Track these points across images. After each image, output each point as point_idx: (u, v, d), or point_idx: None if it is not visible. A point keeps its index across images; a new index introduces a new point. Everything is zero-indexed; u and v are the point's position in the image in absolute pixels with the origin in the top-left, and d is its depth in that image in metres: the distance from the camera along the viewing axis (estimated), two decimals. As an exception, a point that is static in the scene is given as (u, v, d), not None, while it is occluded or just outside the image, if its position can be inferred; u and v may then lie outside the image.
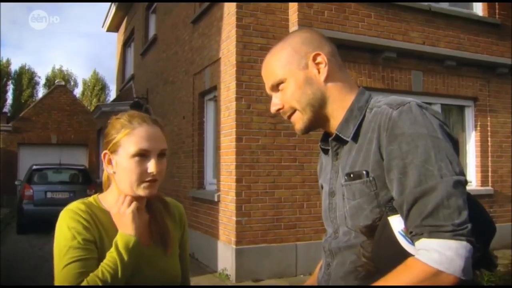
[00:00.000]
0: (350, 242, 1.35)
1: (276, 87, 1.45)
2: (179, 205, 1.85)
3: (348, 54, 7.20)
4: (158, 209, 1.70)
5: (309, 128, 1.46)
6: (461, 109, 8.81)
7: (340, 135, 1.40)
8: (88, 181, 12.81)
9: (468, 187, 1.33)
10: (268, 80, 1.47)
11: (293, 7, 6.96)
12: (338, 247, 1.39)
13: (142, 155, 1.52)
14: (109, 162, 1.58)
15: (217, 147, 7.66)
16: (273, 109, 1.48)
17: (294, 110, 1.44)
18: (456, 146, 1.30)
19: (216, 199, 7.35)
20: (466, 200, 1.17)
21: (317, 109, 1.42)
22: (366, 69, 7.49)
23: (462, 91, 8.48)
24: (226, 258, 6.94)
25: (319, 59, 1.42)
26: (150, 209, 1.68)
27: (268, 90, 1.50)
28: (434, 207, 1.13)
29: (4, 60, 36.10)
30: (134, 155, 1.52)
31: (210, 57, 7.96)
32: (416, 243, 1.16)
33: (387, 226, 1.24)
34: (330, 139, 1.46)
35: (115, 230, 1.55)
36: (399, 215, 1.22)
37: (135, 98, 13.50)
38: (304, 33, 1.51)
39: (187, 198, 9.01)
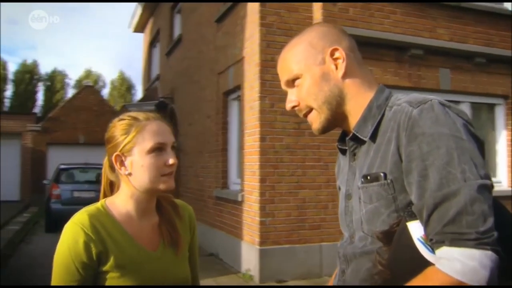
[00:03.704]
0: (366, 248, 1.27)
1: (291, 82, 1.39)
2: (189, 207, 1.81)
3: (373, 52, 7.07)
4: (168, 210, 1.69)
5: (327, 127, 1.39)
6: (491, 107, 8.56)
7: (357, 134, 1.33)
8: (114, 180, 12.92)
9: (498, 188, 1.22)
10: (283, 75, 1.41)
11: (317, 4, 6.87)
12: (353, 253, 1.32)
13: (159, 149, 1.53)
14: (122, 164, 1.56)
15: (241, 147, 7.62)
16: (288, 106, 1.41)
17: (311, 109, 1.37)
18: (482, 147, 1.21)
19: (240, 199, 7.31)
20: (491, 206, 1.07)
21: (335, 107, 1.35)
22: (392, 67, 7.34)
23: (491, 89, 8.23)
24: (250, 258, 6.90)
25: (336, 54, 1.35)
26: (160, 210, 1.67)
27: (283, 86, 1.44)
28: (457, 213, 1.05)
29: (30, 62, 36.90)
30: (152, 150, 1.53)
31: (234, 56, 7.92)
32: (437, 251, 1.07)
33: (405, 232, 1.15)
34: (347, 138, 1.39)
35: (123, 238, 1.54)
36: (418, 221, 1.13)
37: (160, 98, 13.57)
38: (321, 27, 1.44)
39: (211, 198, 9.00)
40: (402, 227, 1.17)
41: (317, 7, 6.86)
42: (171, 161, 1.53)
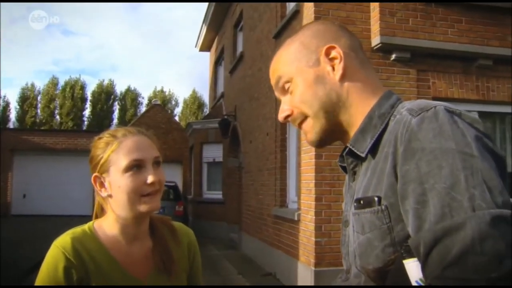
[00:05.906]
0: None
1: (283, 89, 1.19)
2: (189, 232, 1.65)
3: (437, 64, 6.70)
4: (163, 235, 1.54)
5: (324, 139, 1.17)
6: None
7: (353, 149, 1.11)
8: (178, 197, 13.04)
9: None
10: (273, 80, 1.22)
11: (374, 16, 6.59)
12: None
13: (136, 167, 1.39)
14: (102, 185, 1.45)
15: (298, 164, 7.41)
16: (280, 116, 1.21)
17: (305, 117, 1.16)
18: (502, 166, 0.93)
19: (296, 218, 7.08)
20: (511, 243, 0.79)
21: (332, 115, 1.13)
22: (458, 79, 6.89)
23: None
24: (305, 280, 6.63)
25: (333, 53, 1.13)
26: (154, 234, 1.53)
27: (276, 94, 1.24)
28: (461, 252, 0.79)
29: (107, 82, 38.65)
30: (127, 169, 1.39)
31: (290, 72, 7.75)
32: None
33: (402, 272, 0.92)
34: (344, 153, 1.17)
35: (108, 263, 1.41)
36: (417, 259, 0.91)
37: (224, 115, 13.64)
38: (316, 25, 1.23)
39: (270, 216, 8.84)
40: (398, 265, 0.94)
41: (374, 19, 6.58)
42: (150, 179, 1.38)
